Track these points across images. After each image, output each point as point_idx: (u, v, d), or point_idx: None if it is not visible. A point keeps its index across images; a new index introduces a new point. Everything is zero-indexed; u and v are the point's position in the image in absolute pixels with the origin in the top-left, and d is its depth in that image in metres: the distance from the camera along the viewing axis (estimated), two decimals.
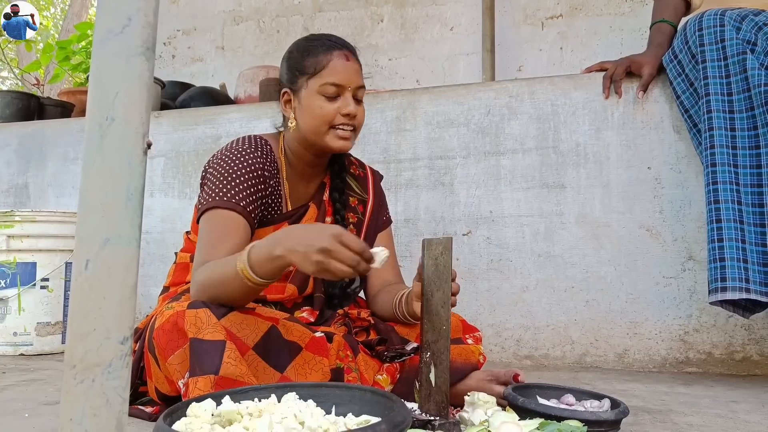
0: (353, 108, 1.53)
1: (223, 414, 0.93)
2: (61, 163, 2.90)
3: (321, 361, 1.34)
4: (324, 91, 1.52)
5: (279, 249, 1.23)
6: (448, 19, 3.61)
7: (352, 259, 1.18)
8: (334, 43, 1.56)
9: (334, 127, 1.53)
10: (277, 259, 1.24)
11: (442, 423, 1.14)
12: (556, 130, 2.29)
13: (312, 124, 1.54)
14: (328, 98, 1.52)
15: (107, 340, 0.58)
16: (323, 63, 1.53)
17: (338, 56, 1.53)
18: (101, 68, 0.61)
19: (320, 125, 1.53)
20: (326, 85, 1.51)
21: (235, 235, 1.44)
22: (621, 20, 3.32)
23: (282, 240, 1.24)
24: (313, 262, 1.19)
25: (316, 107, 1.53)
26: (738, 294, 1.70)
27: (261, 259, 1.26)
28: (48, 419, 1.39)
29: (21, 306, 2.34)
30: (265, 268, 1.26)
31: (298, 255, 1.21)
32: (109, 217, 0.59)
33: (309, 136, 1.56)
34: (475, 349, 1.52)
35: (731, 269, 1.72)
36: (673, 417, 1.45)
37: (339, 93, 1.53)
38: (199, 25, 4.11)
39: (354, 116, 1.54)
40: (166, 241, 2.69)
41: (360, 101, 1.57)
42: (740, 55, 1.81)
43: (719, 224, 1.75)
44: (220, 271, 1.33)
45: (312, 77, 1.53)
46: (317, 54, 1.54)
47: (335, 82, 1.52)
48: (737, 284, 1.70)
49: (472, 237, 2.33)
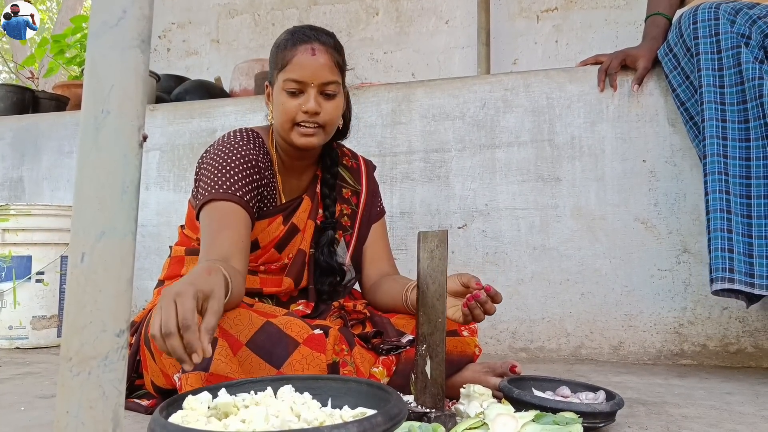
0: (312, 105, 1.49)
1: (219, 406, 0.94)
2: (56, 157, 2.89)
3: (318, 357, 1.34)
4: (286, 87, 1.50)
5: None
6: (444, 12, 3.60)
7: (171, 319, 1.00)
8: (304, 37, 1.53)
9: (298, 124, 1.52)
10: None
11: (437, 415, 1.15)
12: (552, 123, 2.29)
13: (278, 121, 1.54)
14: (290, 94, 1.51)
15: (103, 332, 0.58)
16: (288, 58, 1.51)
17: (303, 51, 1.50)
18: (96, 61, 0.60)
19: (284, 122, 1.52)
20: (288, 81, 1.50)
21: (235, 226, 1.44)
22: (616, 13, 3.31)
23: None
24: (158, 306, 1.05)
25: (279, 104, 1.52)
26: (721, 284, 1.70)
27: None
28: (44, 412, 1.39)
29: (16, 300, 2.34)
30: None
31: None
32: (104, 209, 0.59)
33: (279, 132, 1.56)
34: (470, 341, 1.52)
35: (715, 260, 1.72)
36: (667, 409, 1.46)
37: (301, 89, 1.50)
38: (194, 18, 4.09)
39: (315, 114, 1.51)
40: (161, 235, 2.68)
41: (330, 96, 1.53)
42: (734, 48, 1.82)
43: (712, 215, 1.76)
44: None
45: (280, 72, 1.53)
46: (285, 48, 1.53)
47: (296, 78, 1.49)
48: (720, 274, 1.70)
49: (467, 230, 2.34)
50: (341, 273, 1.67)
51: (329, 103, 1.53)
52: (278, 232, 1.60)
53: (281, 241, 1.61)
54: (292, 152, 1.61)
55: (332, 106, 1.54)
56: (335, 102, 1.54)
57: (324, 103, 1.52)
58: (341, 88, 1.57)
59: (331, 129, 1.57)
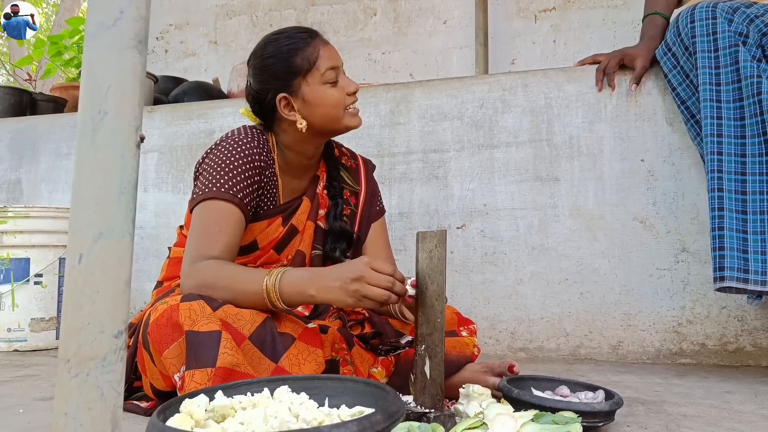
0: (354, 85, 1.58)
1: (216, 409, 0.93)
2: (53, 159, 2.89)
3: (315, 352, 1.35)
4: (328, 78, 1.54)
5: (312, 289, 1.30)
6: (441, 13, 3.60)
7: (387, 280, 1.23)
8: (303, 34, 1.58)
9: (346, 108, 1.57)
10: (309, 298, 1.32)
11: (437, 415, 1.15)
12: (550, 122, 2.29)
13: (329, 114, 1.56)
14: (332, 84, 1.55)
15: (101, 333, 0.58)
16: (313, 56, 1.54)
17: (319, 43, 1.57)
18: (93, 61, 0.60)
19: (337, 111, 1.56)
20: (328, 71, 1.54)
21: (232, 229, 1.45)
22: (614, 13, 3.32)
23: (316, 281, 1.30)
24: (351, 292, 1.25)
25: (326, 97, 1.55)
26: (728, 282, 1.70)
27: (292, 292, 1.32)
28: (42, 414, 1.39)
29: (15, 302, 2.33)
30: (294, 299, 1.33)
31: (333, 292, 1.27)
32: (102, 210, 0.59)
33: (327, 126, 1.58)
34: (469, 342, 1.52)
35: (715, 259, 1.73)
36: (666, 408, 1.46)
37: (337, 75, 1.56)
38: (192, 19, 4.09)
39: (357, 90, 1.59)
40: (159, 236, 2.68)
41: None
42: (732, 47, 1.82)
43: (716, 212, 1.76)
44: (238, 278, 1.36)
45: (309, 73, 1.53)
46: (303, 50, 1.54)
47: (333, 66, 1.55)
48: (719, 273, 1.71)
49: (466, 230, 2.34)
50: (351, 238, 1.69)
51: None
52: (277, 233, 1.60)
53: (280, 242, 1.61)
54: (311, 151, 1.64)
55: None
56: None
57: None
58: None
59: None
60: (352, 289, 1.24)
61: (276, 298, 1.32)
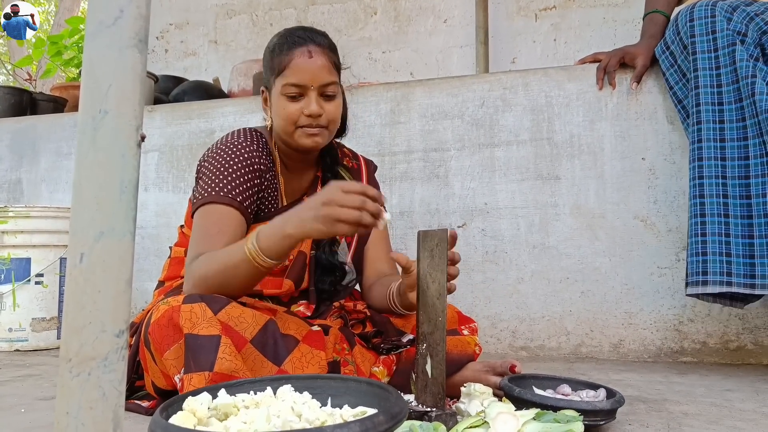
0: (315, 108, 1.49)
1: (219, 407, 0.93)
2: (54, 159, 2.89)
3: (318, 354, 1.34)
4: (287, 92, 1.50)
5: (288, 227, 1.27)
6: (442, 12, 3.60)
7: (357, 199, 1.19)
8: (299, 39, 1.52)
9: (301, 127, 1.51)
10: (288, 238, 1.28)
11: (438, 414, 1.15)
12: (551, 121, 2.29)
13: (280, 125, 1.54)
14: (290, 98, 1.50)
15: (103, 333, 0.58)
16: (285, 62, 1.50)
17: (299, 54, 1.50)
18: (94, 61, 0.60)
19: (287, 125, 1.52)
20: (287, 85, 1.49)
21: (232, 232, 1.44)
22: (614, 11, 3.31)
23: (290, 220, 1.28)
24: (321, 217, 1.21)
25: (280, 108, 1.51)
26: (719, 288, 1.73)
27: (271, 242, 1.29)
28: (44, 414, 1.39)
29: (16, 302, 2.33)
30: (275, 248, 1.29)
31: (307, 223, 1.24)
32: (103, 210, 0.59)
33: (281, 135, 1.56)
34: (470, 340, 1.52)
35: (713, 263, 1.75)
36: (668, 406, 1.46)
37: (302, 93, 1.50)
38: (192, 18, 4.09)
39: (318, 116, 1.50)
40: (160, 236, 2.68)
41: (330, 96, 1.53)
42: (730, 46, 1.81)
43: (703, 218, 1.78)
44: (223, 258, 1.34)
45: (278, 77, 1.52)
46: (281, 53, 1.52)
47: (295, 83, 1.49)
48: (718, 278, 1.74)
49: (467, 229, 2.34)
50: (342, 272, 1.67)
51: (330, 104, 1.53)
52: None
53: None
54: (294, 154, 1.61)
55: (333, 106, 1.54)
56: (336, 102, 1.54)
57: (325, 104, 1.51)
58: (339, 87, 1.56)
59: (334, 128, 1.58)
60: (322, 215, 1.21)
61: (260, 257, 1.29)
